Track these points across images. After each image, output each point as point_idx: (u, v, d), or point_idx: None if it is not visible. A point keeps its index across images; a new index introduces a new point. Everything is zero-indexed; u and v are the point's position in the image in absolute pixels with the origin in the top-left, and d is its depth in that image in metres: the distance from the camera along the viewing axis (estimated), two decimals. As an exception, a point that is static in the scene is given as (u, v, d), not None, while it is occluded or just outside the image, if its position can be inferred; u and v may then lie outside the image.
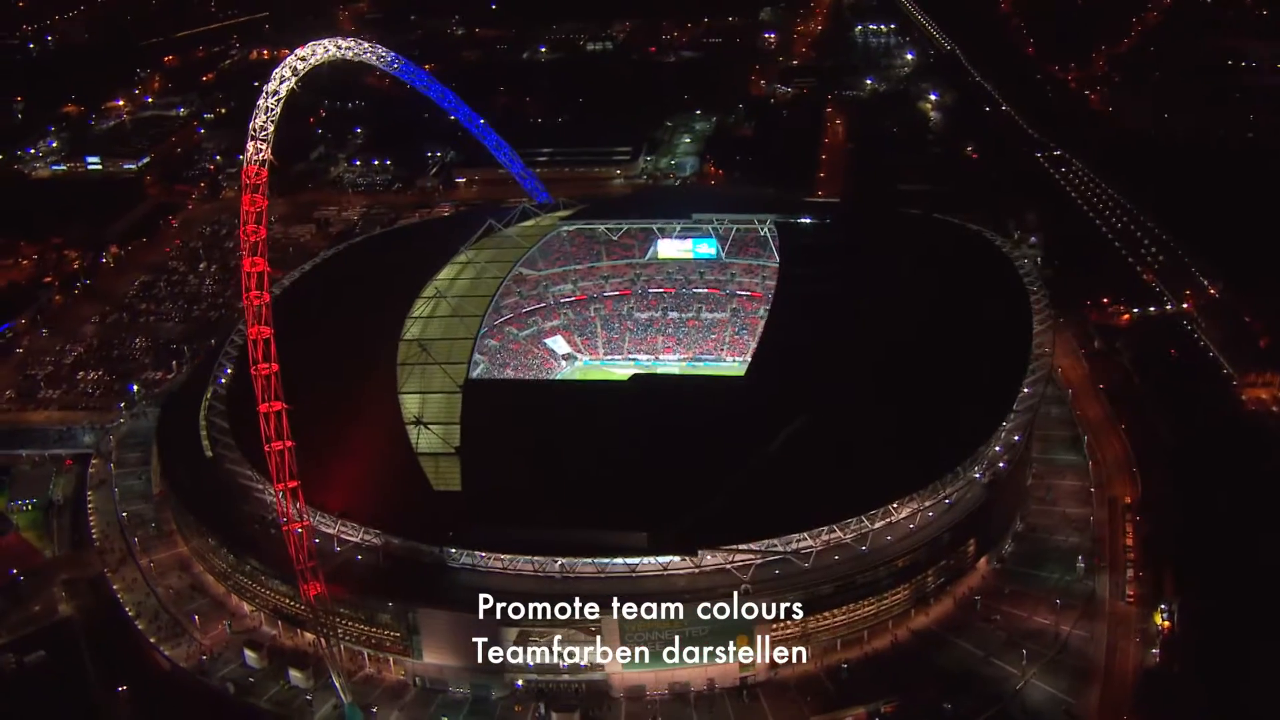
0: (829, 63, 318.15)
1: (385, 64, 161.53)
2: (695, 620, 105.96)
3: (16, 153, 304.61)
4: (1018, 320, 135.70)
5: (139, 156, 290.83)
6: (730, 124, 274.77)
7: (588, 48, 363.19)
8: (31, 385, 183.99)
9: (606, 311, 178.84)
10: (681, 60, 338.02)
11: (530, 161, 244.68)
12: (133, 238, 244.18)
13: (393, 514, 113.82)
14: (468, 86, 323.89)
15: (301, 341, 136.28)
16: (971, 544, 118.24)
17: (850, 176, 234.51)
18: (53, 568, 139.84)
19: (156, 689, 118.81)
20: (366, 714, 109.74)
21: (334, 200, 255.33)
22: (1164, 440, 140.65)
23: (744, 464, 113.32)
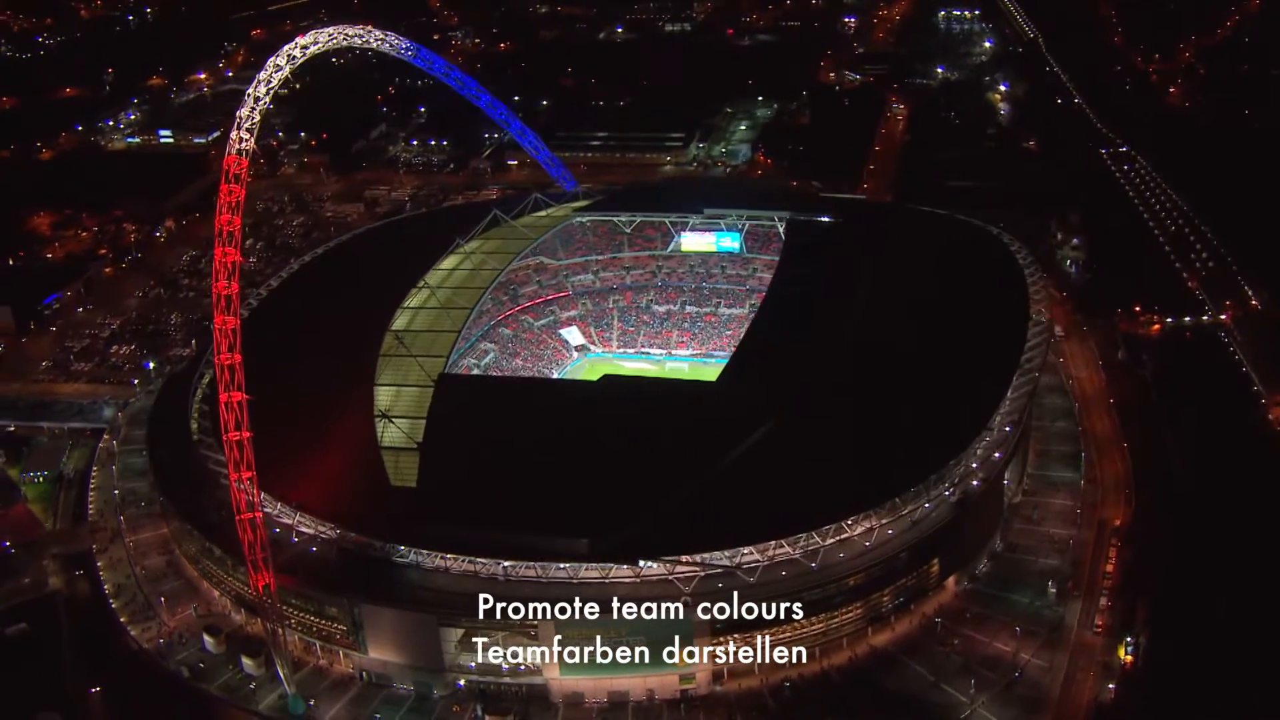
0: (903, 49, 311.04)
1: (398, 51, 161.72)
2: (633, 630, 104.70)
3: (97, 124, 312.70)
4: (1012, 331, 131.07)
5: (208, 131, 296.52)
6: (790, 111, 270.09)
7: (666, 29, 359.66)
8: (67, 357, 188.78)
9: (625, 303, 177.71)
10: (756, 44, 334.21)
11: (582, 145, 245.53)
12: (189, 212, 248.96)
13: (347, 508, 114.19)
14: (539, 66, 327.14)
15: (295, 329, 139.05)
16: (935, 564, 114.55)
17: (899, 170, 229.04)
18: (50, 541, 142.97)
19: (121, 668, 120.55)
20: (309, 705, 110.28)
21: (386, 179, 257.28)
22: (1169, 461, 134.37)
23: (700, 472, 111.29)
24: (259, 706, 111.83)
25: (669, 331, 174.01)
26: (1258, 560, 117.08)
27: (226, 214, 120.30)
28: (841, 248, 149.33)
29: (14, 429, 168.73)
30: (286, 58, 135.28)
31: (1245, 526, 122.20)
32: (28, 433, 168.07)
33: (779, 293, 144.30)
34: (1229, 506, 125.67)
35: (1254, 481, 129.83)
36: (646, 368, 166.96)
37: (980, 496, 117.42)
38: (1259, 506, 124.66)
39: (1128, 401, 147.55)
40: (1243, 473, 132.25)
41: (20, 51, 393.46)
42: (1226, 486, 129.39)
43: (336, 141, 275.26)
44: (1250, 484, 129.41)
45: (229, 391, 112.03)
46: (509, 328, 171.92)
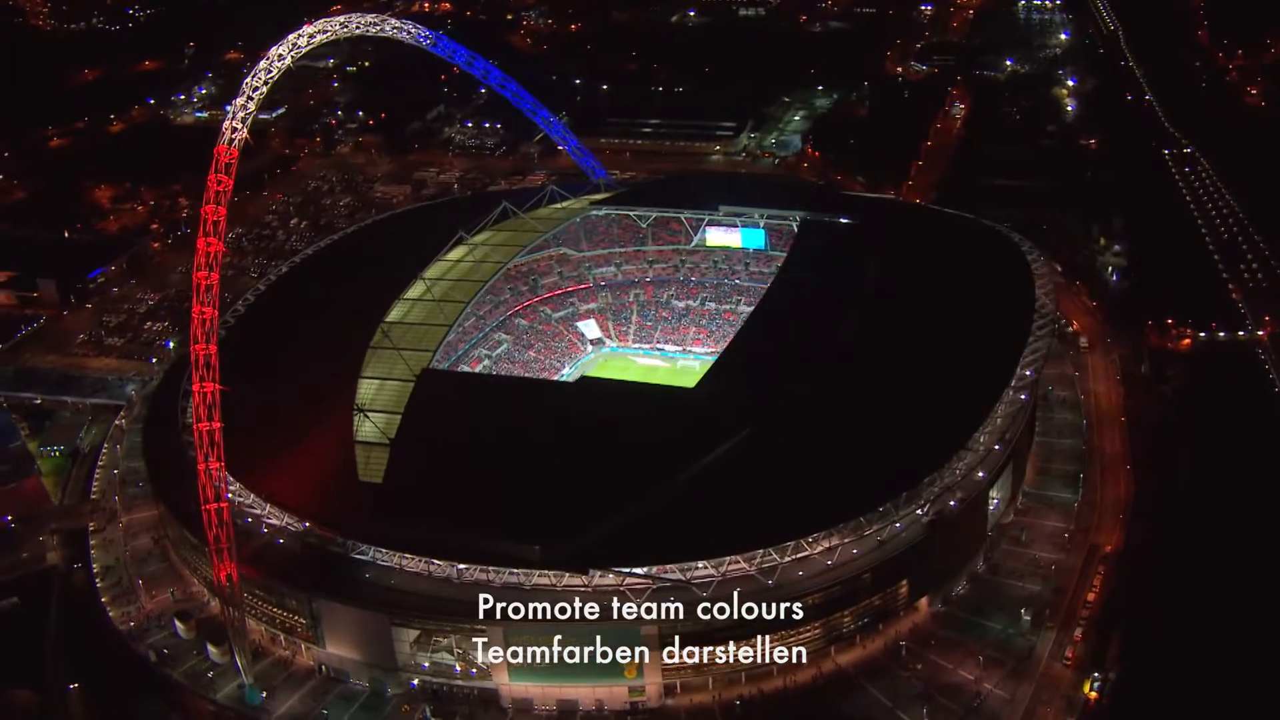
0: (975, 40, 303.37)
1: (416, 40, 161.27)
2: (582, 639, 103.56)
3: (170, 99, 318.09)
4: (1010, 345, 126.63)
5: (273, 107, 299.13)
6: (849, 103, 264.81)
7: (740, 13, 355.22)
8: (102, 332, 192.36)
9: (646, 297, 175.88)
10: (827, 30, 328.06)
11: (633, 132, 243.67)
12: (242, 189, 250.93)
13: (313, 501, 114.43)
14: (606, 48, 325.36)
15: (295, 317, 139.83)
16: (904, 585, 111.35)
17: (949, 167, 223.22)
18: (53, 516, 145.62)
19: (98, 649, 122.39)
20: (263, 697, 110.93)
21: (437, 161, 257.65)
22: (1174, 486, 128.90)
23: (665, 482, 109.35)
24: (217, 695, 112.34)
25: (686, 328, 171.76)
26: (1249, 599, 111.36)
27: (211, 204, 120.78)
28: (849, 250, 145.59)
29: (40, 402, 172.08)
30: (290, 47, 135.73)
31: (1243, 561, 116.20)
32: (53, 406, 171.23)
33: (774, 296, 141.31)
34: (1230, 537, 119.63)
35: (1263, 513, 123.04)
36: (658, 365, 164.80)
37: (958, 517, 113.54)
38: (1263, 539, 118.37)
39: (1143, 420, 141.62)
40: (1253, 503, 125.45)
41: (111, 23, 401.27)
42: (1232, 516, 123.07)
43: (393, 122, 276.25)
44: (1259, 515, 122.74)
45: (202, 381, 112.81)
46: (526, 319, 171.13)
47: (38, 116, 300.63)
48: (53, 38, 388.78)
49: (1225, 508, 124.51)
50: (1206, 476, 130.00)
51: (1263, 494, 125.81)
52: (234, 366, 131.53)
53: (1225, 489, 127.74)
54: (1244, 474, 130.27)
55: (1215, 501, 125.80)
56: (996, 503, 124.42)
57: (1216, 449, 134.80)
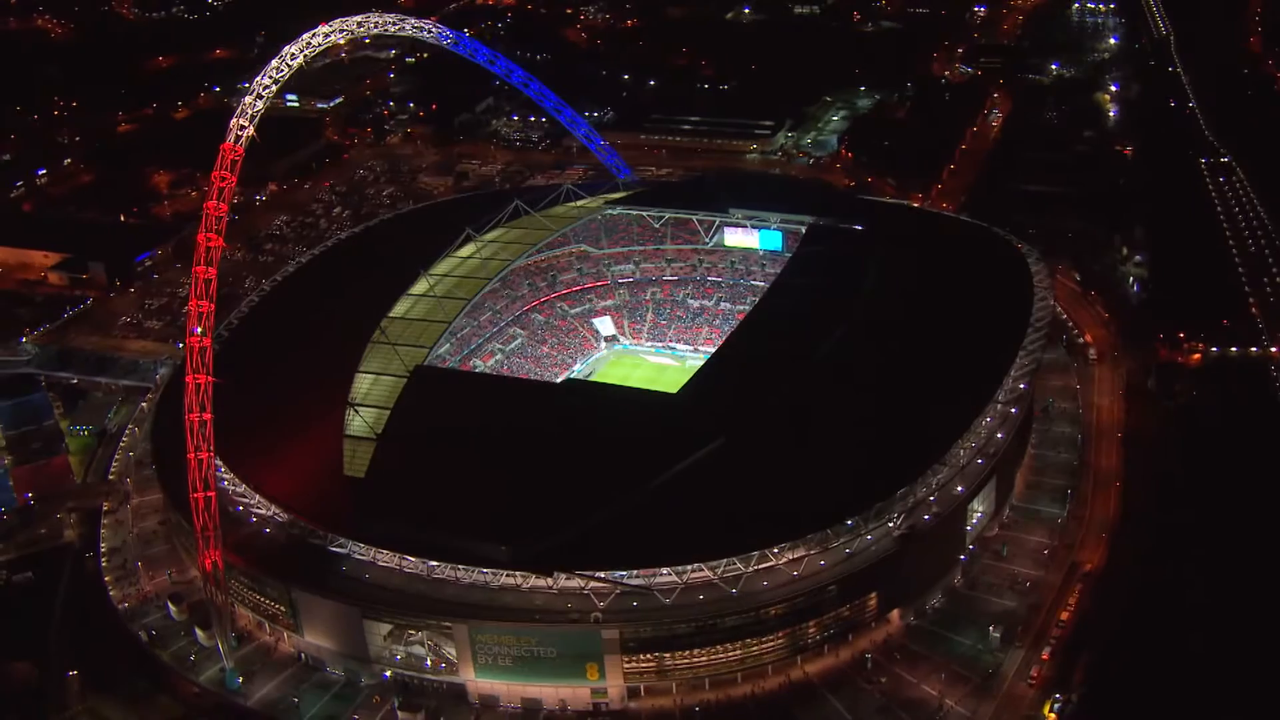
0: (1024, 43, 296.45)
1: (435, 38, 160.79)
2: (544, 640, 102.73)
3: (236, 86, 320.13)
4: (1001, 358, 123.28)
5: (331, 97, 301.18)
6: (889, 103, 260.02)
7: (795, 11, 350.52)
8: (143, 315, 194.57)
9: (662, 296, 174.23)
10: (880, 30, 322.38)
11: (673, 129, 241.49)
12: (292, 177, 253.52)
13: (299, 493, 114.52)
14: (658, 44, 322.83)
15: (305, 311, 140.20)
16: (873, 597, 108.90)
17: (981, 171, 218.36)
18: (74, 494, 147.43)
19: (98, 627, 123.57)
20: (238, 682, 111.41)
21: (480, 153, 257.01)
22: (1163, 505, 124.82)
23: (638, 487, 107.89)
24: (200, 677, 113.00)
25: (699, 327, 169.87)
26: (1226, 626, 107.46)
27: (213, 201, 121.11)
28: (851, 257, 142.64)
29: (76, 381, 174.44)
30: (303, 46, 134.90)
31: (1225, 586, 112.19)
32: (88, 387, 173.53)
33: (768, 303, 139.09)
34: (1215, 561, 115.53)
35: (1253, 537, 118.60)
36: (668, 363, 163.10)
37: (933, 531, 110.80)
38: (1250, 565, 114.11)
39: (1141, 436, 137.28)
40: (1244, 525, 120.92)
41: (190, 12, 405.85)
42: (1220, 538, 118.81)
43: (443, 113, 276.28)
44: (1248, 539, 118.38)
45: (195, 373, 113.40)
46: (543, 314, 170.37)
47: (110, 102, 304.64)
48: (134, 26, 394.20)
49: (1214, 529, 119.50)
50: (1200, 496, 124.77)
51: (1256, 517, 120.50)
52: (242, 357, 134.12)
53: (1217, 510, 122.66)
54: (1239, 495, 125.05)
55: (1205, 522, 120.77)
56: (980, 516, 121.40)
57: (1214, 468, 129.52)
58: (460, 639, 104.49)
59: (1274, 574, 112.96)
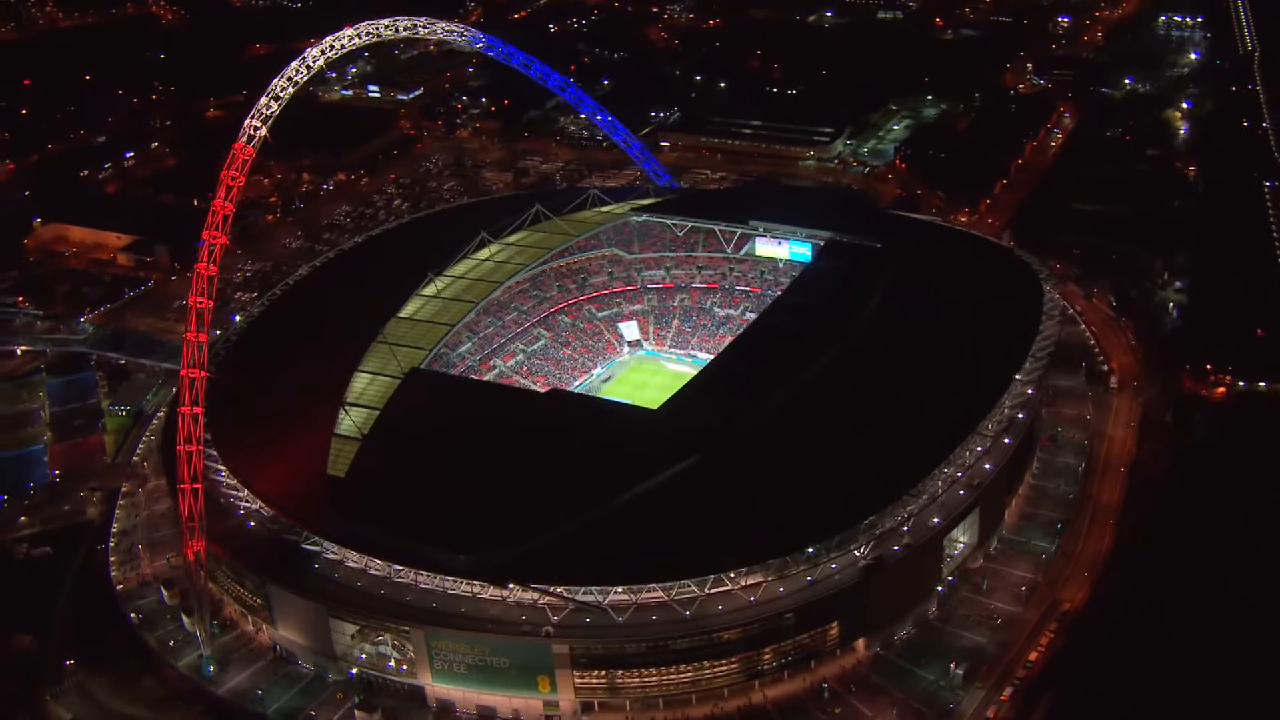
0: (1101, 55, 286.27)
1: (467, 41, 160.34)
2: (496, 650, 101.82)
3: (323, 75, 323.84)
4: (995, 387, 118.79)
5: (411, 89, 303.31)
6: (954, 113, 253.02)
7: (878, 15, 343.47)
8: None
9: (690, 303, 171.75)
10: (959, 37, 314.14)
11: (734, 132, 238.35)
12: (361, 167, 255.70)
13: (282, 489, 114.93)
14: (735, 46, 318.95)
15: (320, 306, 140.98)
16: (834, 627, 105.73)
17: (1033, 187, 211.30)
18: (101, 473, 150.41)
19: (98, 606, 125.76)
20: (208, 671, 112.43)
21: (543, 150, 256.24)
22: (1156, 545, 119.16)
23: (604, 502, 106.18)
24: (179, 663, 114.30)
25: (723, 336, 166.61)
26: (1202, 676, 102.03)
27: (220, 199, 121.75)
28: (861, 276, 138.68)
29: (124, 362, 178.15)
30: (325, 49, 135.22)
31: (1207, 636, 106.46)
32: (134, 368, 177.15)
33: (766, 321, 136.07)
34: (1201, 608, 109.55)
35: (1241, 582, 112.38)
36: (687, 371, 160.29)
37: (903, 562, 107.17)
38: (1231, 611, 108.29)
39: (1148, 471, 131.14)
40: (1242, 572, 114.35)
41: (293, 1, 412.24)
42: (1211, 586, 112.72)
43: (513, 109, 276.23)
44: (1236, 584, 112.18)
45: (189, 368, 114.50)
46: (570, 316, 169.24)
47: (204, 88, 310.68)
48: (240, 13, 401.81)
49: (1205, 574, 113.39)
50: (1196, 537, 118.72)
51: (1251, 564, 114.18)
52: (255, 351, 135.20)
53: (1214, 555, 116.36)
54: (1240, 540, 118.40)
55: (1196, 566, 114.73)
56: (963, 546, 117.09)
57: (1218, 508, 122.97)
58: (417, 643, 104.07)
59: (1261, 625, 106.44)
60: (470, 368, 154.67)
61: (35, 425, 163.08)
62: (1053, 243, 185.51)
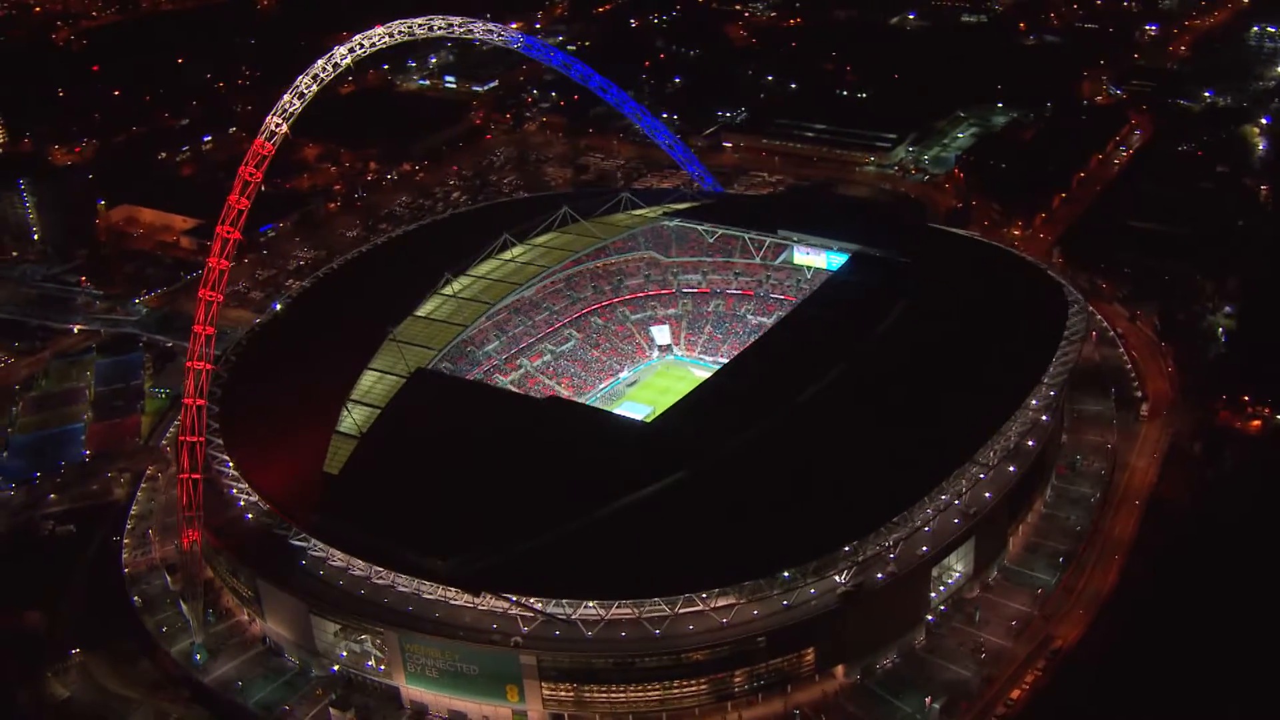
0: (1184, 66, 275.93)
1: (504, 42, 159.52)
2: (467, 657, 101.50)
3: (404, 64, 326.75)
4: (997, 414, 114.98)
5: (485, 81, 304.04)
6: (1022, 123, 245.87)
7: (962, 19, 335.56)
8: (250, 285, 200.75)
9: (724, 309, 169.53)
10: (1041, 44, 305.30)
11: (796, 135, 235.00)
12: (427, 158, 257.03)
13: (280, 484, 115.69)
14: (809, 47, 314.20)
15: (342, 302, 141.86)
16: (810, 652, 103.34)
17: (1094, 201, 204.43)
18: (131, 455, 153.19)
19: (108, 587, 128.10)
20: (196, 660, 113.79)
21: (605, 147, 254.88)
22: (1161, 583, 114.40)
23: (587, 514, 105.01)
24: (171, 649, 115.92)
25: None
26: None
27: (235, 195, 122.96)
28: (883, 291, 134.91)
29: (170, 345, 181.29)
30: (353, 47, 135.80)
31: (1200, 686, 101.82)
32: (180, 351, 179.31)
33: (778, 333, 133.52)
34: (1198, 656, 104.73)
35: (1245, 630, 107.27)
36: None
37: (886, 589, 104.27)
38: (1229, 658, 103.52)
39: (1169, 505, 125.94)
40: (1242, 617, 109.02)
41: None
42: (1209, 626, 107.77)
43: (581, 104, 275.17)
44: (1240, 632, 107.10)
45: (194, 360, 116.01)
46: (603, 317, 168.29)
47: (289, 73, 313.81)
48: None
49: (1209, 618, 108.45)
50: (1206, 578, 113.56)
51: (1260, 612, 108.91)
52: (273, 345, 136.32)
53: (1220, 600, 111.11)
54: (1251, 585, 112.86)
55: (1201, 609, 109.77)
56: (959, 575, 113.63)
57: (1236, 548, 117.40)
58: (391, 645, 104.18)
59: (1260, 677, 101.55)
60: (496, 367, 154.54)
61: (79, 404, 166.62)
62: (1103, 260, 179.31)
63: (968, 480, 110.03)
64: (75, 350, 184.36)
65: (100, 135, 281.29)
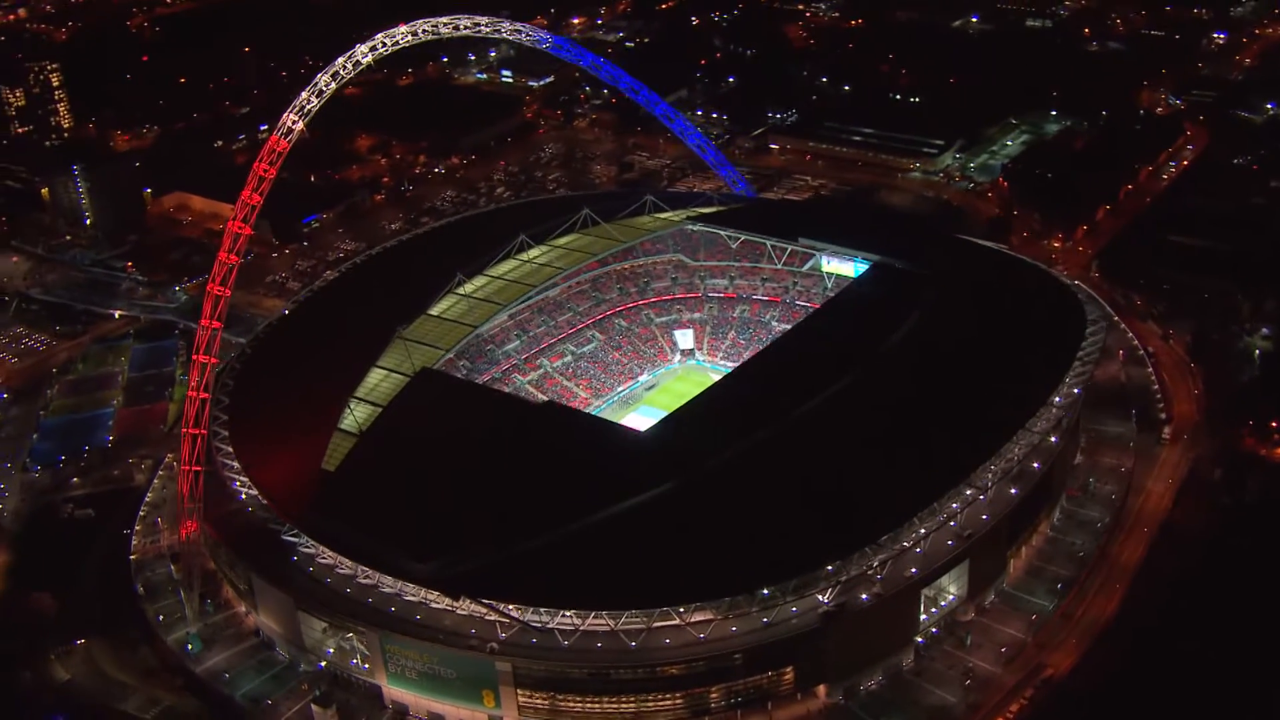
0: (1250, 76, 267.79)
1: (533, 42, 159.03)
2: (444, 660, 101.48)
3: (465, 58, 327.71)
4: (997, 436, 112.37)
5: (541, 76, 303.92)
6: (1076, 131, 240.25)
7: (1027, 23, 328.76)
8: (290, 275, 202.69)
9: (750, 315, 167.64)
10: (1104, 50, 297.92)
11: (842, 139, 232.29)
12: (476, 152, 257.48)
13: (281, 480, 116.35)
14: (866, 48, 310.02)
15: (359, 299, 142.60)
16: (789, 671, 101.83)
17: (1137, 215, 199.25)
18: (152, 442, 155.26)
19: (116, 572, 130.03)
20: (188, 649, 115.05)
21: (652, 146, 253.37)
22: (1162, 617, 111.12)
23: (571, 522, 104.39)
24: (168, 636, 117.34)
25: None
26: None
27: (249, 190, 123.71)
28: (898, 304, 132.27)
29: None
30: (375, 45, 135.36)
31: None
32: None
33: (785, 342, 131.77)
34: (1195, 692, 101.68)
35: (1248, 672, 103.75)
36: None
37: (871, 610, 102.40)
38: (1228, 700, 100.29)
39: (1181, 532, 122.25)
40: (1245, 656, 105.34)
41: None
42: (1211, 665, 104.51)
43: (632, 102, 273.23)
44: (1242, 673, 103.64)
45: (200, 354, 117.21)
46: (627, 319, 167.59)
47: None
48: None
49: (1210, 656, 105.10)
50: (1213, 614, 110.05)
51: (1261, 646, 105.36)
52: (288, 341, 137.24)
53: (1223, 633, 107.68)
54: (1258, 620, 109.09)
55: (1203, 644, 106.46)
56: (952, 598, 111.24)
57: (1245, 582, 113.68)
58: (372, 645, 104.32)
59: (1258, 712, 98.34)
60: (515, 366, 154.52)
61: (111, 389, 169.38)
62: (1142, 276, 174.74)
63: (962, 502, 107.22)
64: (114, 335, 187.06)
65: (162, 122, 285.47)
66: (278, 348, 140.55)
